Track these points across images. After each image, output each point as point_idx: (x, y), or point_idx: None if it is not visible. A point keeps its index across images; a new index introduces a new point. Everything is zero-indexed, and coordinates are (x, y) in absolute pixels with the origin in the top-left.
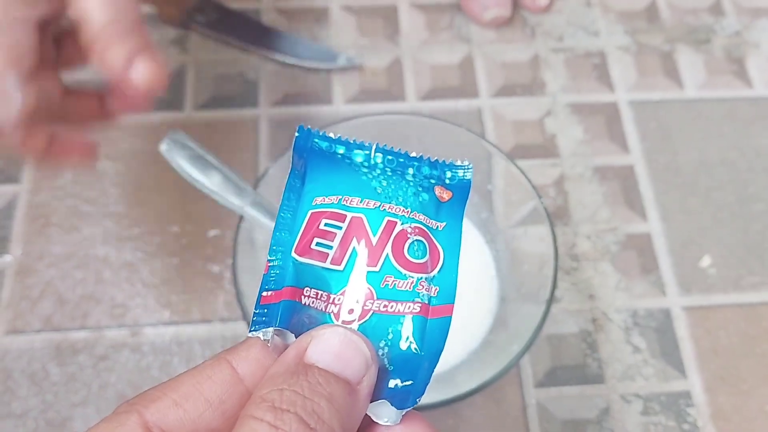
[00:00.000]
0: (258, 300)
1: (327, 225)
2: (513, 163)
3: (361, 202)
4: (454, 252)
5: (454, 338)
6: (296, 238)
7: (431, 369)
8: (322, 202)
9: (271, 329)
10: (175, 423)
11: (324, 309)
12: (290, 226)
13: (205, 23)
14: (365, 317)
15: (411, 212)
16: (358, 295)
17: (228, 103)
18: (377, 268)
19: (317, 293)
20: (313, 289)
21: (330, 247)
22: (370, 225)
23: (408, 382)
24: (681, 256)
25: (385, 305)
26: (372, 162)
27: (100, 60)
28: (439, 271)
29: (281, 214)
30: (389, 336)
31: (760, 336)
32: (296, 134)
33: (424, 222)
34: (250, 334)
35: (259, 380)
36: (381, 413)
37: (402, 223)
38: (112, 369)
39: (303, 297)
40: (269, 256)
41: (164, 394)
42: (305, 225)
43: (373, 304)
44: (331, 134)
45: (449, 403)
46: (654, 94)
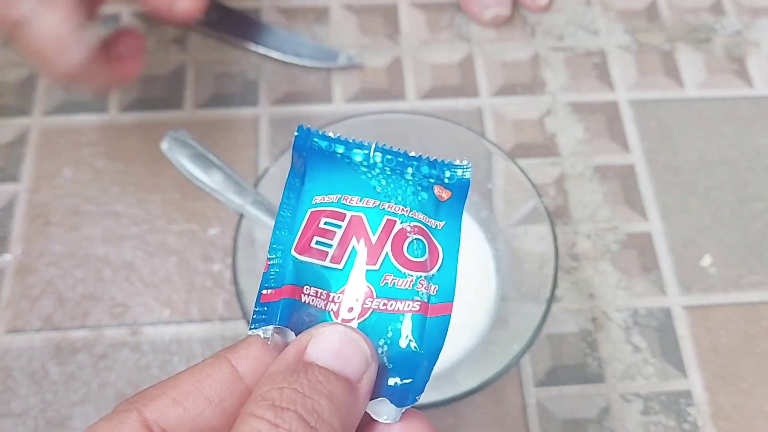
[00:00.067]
0: (258, 298)
1: (327, 224)
2: (513, 162)
3: (360, 200)
4: (453, 251)
5: (454, 337)
6: (296, 237)
7: (431, 367)
8: (322, 201)
9: (271, 327)
10: (175, 421)
11: (324, 307)
12: (290, 224)
13: (205, 22)
14: (365, 315)
15: (410, 211)
16: (357, 294)
17: (228, 102)
18: (377, 267)
19: (317, 291)
20: (312, 288)
21: (330, 245)
22: (369, 224)
23: (407, 380)
24: (681, 255)
25: (384, 303)
26: (371, 161)
27: None
28: (439, 270)
29: (281, 213)
30: (389, 334)
31: (761, 335)
32: (296, 134)
33: (424, 221)
34: (250, 332)
35: (258, 378)
36: (381, 411)
37: (401, 222)
38: (111, 368)
39: (303, 295)
40: (269, 255)
41: (164, 393)
42: (305, 223)
43: (372, 302)
44: (331, 133)
45: (449, 402)
46: (654, 94)
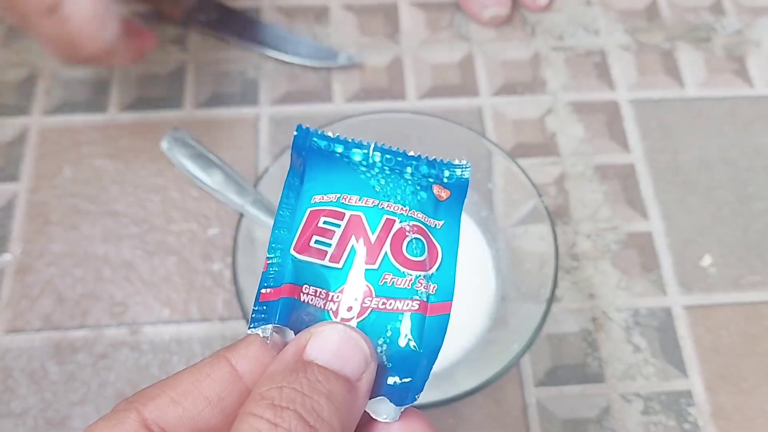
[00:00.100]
0: (257, 297)
1: (326, 223)
2: (513, 161)
3: (359, 200)
4: (453, 250)
5: (453, 337)
6: (295, 236)
7: (430, 366)
8: (321, 200)
9: (270, 326)
10: (174, 420)
11: (323, 306)
12: (289, 223)
13: (205, 22)
14: (364, 315)
15: (409, 210)
16: (356, 293)
17: (228, 102)
18: (376, 266)
19: (316, 291)
20: (311, 287)
21: (329, 244)
22: (368, 223)
23: (407, 379)
24: (682, 255)
25: (383, 303)
26: (370, 161)
27: None
28: (438, 269)
29: (280, 212)
30: (388, 333)
31: (761, 335)
32: (295, 133)
33: (423, 220)
34: (249, 331)
35: (258, 377)
36: (380, 410)
37: (400, 221)
38: (111, 368)
39: (302, 294)
40: (268, 254)
41: (163, 392)
42: (304, 223)
43: (371, 301)
44: (330, 133)
45: (449, 402)
46: (654, 93)
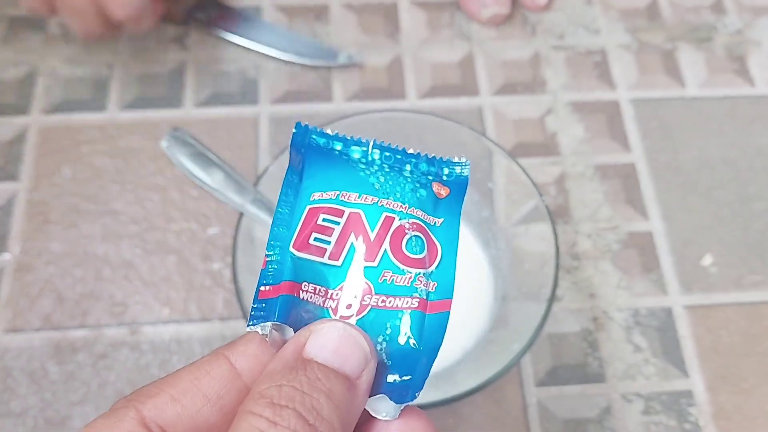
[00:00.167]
0: (256, 295)
1: (325, 220)
2: (514, 161)
3: (359, 197)
4: (452, 248)
5: (454, 336)
6: (294, 234)
7: (430, 364)
8: (320, 198)
9: (269, 324)
10: (173, 419)
11: (322, 304)
12: (288, 221)
13: (205, 21)
14: (363, 312)
15: (409, 208)
16: (356, 290)
17: (228, 101)
18: (375, 264)
19: (315, 288)
20: (311, 284)
21: (328, 242)
22: (368, 220)
23: (406, 377)
24: (682, 254)
25: (383, 300)
26: (369, 158)
27: None
28: (437, 267)
29: (279, 210)
30: (387, 331)
31: (762, 335)
32: (294, 130)
33: (422, 218)
34: (248, 328)
35: (257, 375)
36: (380, 408)
37: (400, 219)
38: (111, 367)
39: (301, 292)
40: (267, 251)
41: (162, 390)
42: (303, 220)
43: (371, 299)
44: (329, 130)
45: (449, 402)
46: (655, 93)
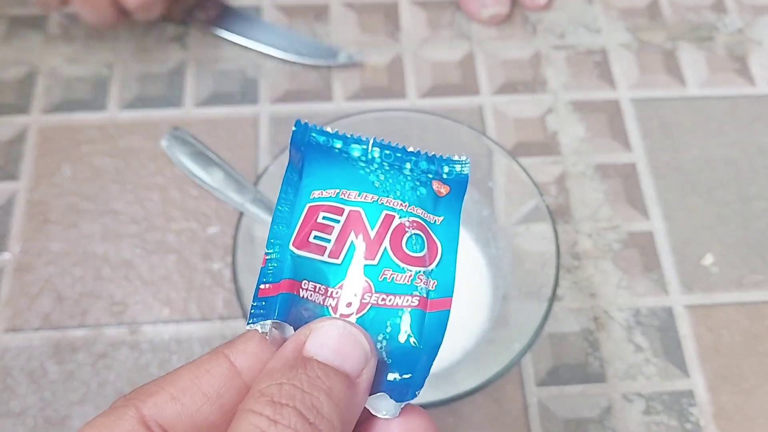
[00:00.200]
0: (255, 293)
1: (325, 218)
2: (514, 160)
3: (359, 195)
4: (452, 246)
5: (454, 336)
6: (294, 232)
7: (430, 362)
8: (320, 196)
9: (269, 322)
10: (173, 417)
11: (322, 302)
12: (288, 219)
13: (205, 20)
14: (363, 310)
15: (409, 206)
16: (356, 289)
17: (228, 100)
18: (375, 262)
19: (315, 286)
20: (311, 282)
21: (328, 240)
22: (368, 218)
23: (407, 376)
24: (683, 254)
25: (383, 298)
26: (369, 156)
27: None
28: (437, 265)
29: (279, 208)
30: (387, 329)
31: (763, 335)
32: (293, 128)
33: (422, 216)
34: (248, 326)
35: (257, 374)
36: (380, 406)
37: (400, 217)
38: (110, 367)
39: (301, 290)
40: (267, 249)
41: (162, 389)
42: (303, 218)
43: (371, 297)
44: (329, 129)
45: (449, 401)
46: (656, 92)
